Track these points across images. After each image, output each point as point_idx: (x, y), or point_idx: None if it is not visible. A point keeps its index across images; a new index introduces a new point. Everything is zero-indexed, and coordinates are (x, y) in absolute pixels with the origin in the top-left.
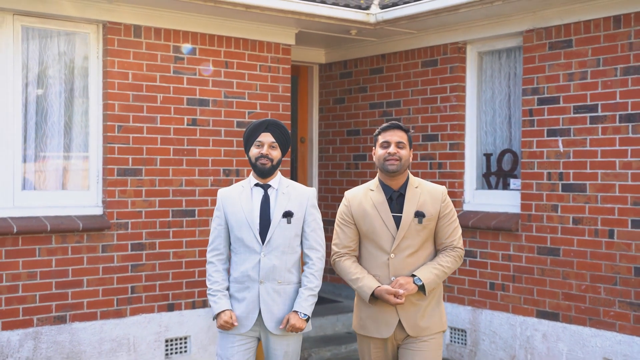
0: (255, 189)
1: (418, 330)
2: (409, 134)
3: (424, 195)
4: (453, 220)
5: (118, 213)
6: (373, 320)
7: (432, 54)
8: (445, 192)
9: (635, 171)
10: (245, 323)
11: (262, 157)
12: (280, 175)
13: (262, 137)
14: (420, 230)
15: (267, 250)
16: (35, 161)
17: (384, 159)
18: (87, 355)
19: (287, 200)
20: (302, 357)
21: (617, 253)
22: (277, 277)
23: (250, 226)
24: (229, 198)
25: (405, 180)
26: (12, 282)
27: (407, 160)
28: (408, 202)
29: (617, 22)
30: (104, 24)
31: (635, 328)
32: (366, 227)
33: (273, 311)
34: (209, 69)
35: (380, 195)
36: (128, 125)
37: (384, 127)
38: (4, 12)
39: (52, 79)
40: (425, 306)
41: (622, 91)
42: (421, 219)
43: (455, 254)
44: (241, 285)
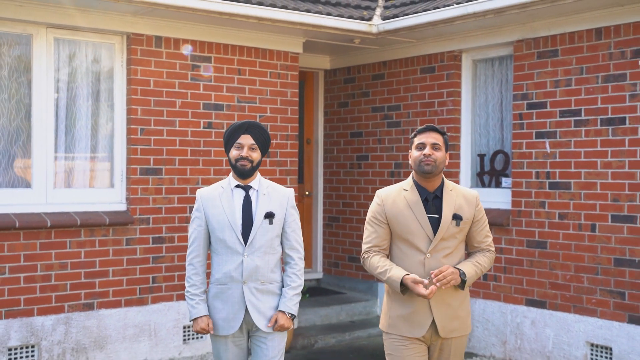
0: (236, 190)
1: (448, 331)
2: (445, 136)
3: (459, 199)
4: (486, 224)
5: (140, 209)
6: (405, 320)
7: (430, 61)
8: (478, 196)
9: (615, 170)
10: (232, 324)
11: (242, 159)
12: (260, 176)
13: (242, 139)
14: (457, 233)
15: (250, 251)
16: (65, 161)
17: (420, 160)
18: (113, 340)
19: (268, 201)
20: (309, 344)
21: (598, 245)
22: (260, 277)
23: (232, 227)
24: (210, 199)
25: (440, 183)
26: (45, 271)
27: (443, 162)
28: (446, 204)
29: (598, 34)
30: (128, 35)
31: (615, 314)
32: (400, 227)
33: (260, 309)
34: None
35: (415, 195)
36: (150, 128)
37: (420, 129)
38: (39, 25)
39: (80, 86)
40: (457, 307)
41: (603, 97)
42: (459, 221)
43: (491, 256)
44: (223, 286)
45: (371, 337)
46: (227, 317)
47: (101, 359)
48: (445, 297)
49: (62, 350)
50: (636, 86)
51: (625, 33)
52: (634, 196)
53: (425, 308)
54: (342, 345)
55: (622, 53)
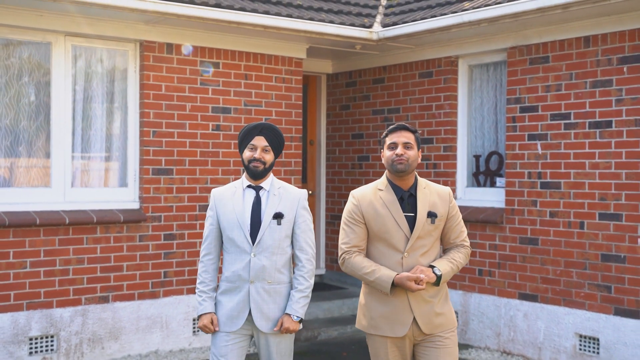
0: (247, 191)
1: (432, 327)
2: (416, 134)
3: (433, 196)
4: (460, 219)
5: (152, 207)
6: (386, 320)
7: (428, 66)
8: (451, 192)
9: (602, 171)
10: (236, 322)
11: (255, 160)
12: (273, 177)
13: (256, 141)
14: (432, 230)
15: (257, 251)
16: (81, 162)
17: (392, 159)
18: (127, 331)
19: (278, 202)
20: (312, 336)
21: (586, 242)
22: (267, 277)
23: (241, 227)
24: (222, 199)
25: (414, 181)
26: (64, 266)
27: (415, 161)
28: (420, 203)
29: (587, 42)
30: (141, 43)
31: (602, 306)
32: (377, 226)
33: (263, 310)
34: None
35: (390, 195)
36: (161, 130)
37: (391, 128)
38: (57, 33)
39: (95, 90)
40: (436, 303)
41: (591, 102)
42: (434, 219)
43: (465, 251)
44: (232, 284)
45: None
46: (231, 315)
47: (116, 349)
48: (424, 294)
49: (79, 341)
50: (622, 92)
51: (611, 41)
52: (619, 195)
53: (405, 306)
54: (344, 337)
55: (609, 60)
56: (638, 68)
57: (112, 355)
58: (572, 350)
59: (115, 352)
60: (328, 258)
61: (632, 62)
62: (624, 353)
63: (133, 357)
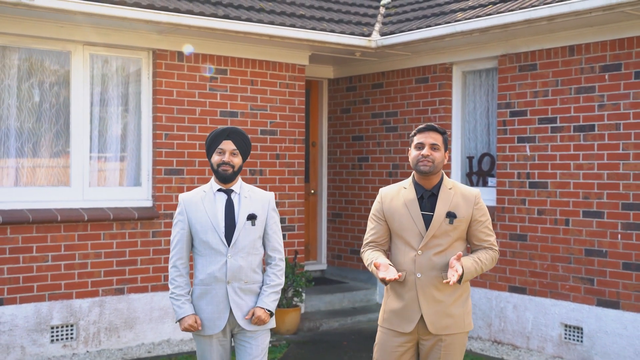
0: (218, 194)
1: (439, 327)
2: (444, 136)
3: (457, 197)
4: (488, 222)
5: (165, 205)
6: (397, 315)
7: (424, 72)
8: (479, 195)
9: (586, 171)
10: (218, 323)
11: (224, 164)
12: (241, 181)
13: (224, 145)
14: (451, 231)
15: (233, 252)
16: (98, 163)
17: (417, 160)
18: (141, 321)
19: (250, 204)
20: (314, 326)
21: (571, 238)
22: (243, 277)
23: (215, 229)
24: (192, 203)
25: (439, 181)
26: (83, 260)
27: (441, 162)
28: (440, 202)
29: (571, 50)
30: (154, 51)
31: (585, 298)
32: (396, 224)
33: (243, 309)
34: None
35: (411, 193)
36: (173, 133)
37: (420, 128)
38: (76, 43)
39: (111, 96)
40: (449, 304)
41: (576, 107)
42: (452, 219)
43: (493, 254)
44: (208, 286)
45: (371, 321)
46: (211, 317)
47: (131, 337)
48: (434, 294)
49: (97, 329)
50: (604, 97)
51: (594, 50)
52: (601, 194)
53: (414, 303)
54: (345, 328)
55: (592, 68)
56: (618, 76)
57: (127, 343)
58: (557, 339)
59: (130, 341)
60: (329, 254)
61: (612, 70)
62: (605, 341)
63: (147, 345)
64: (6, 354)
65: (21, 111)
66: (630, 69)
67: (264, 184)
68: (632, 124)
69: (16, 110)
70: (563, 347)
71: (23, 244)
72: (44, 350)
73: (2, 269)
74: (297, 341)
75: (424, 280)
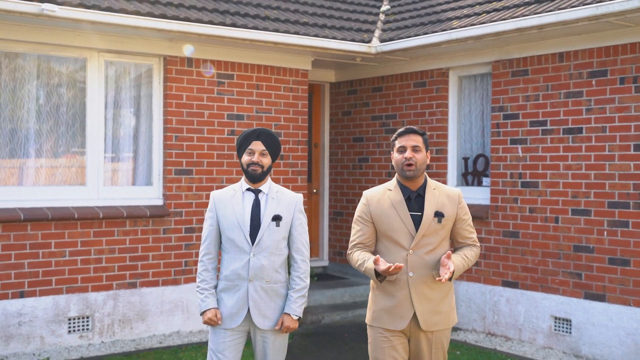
0: (246, 193)
1: (430, 324)
2: (424, 137)
3: (442, 197)
4: (470, 220)
5: (175, 204)
6: (388, 313)
7: (422, 77)
8: (461, 194)
9: (574, 172)
10: (235, 319)
11: (253, 164)
12: (271, 181)
13: (254, 145)
14: (439, 230)
15: (257, 251)
16: (112, 164)
17: (402, 163)
18: (152, 313)
19: (277, 205)
20: (317, 320)
21: (560, 234)
22: (265, 276)
23: (241, 228)
24: (222, 201)
25: (423, 182)
26: (98, 255)
27: (424, 164)
28: (428, 203)
29: (561, 57)
30: (165, 57)
31: (574, 291)
32: (384, 225)
33: (260, 308)
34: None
35: (398, 195)
36: (182, 135)
37: (400, 132)
38: (92, 50)
39: (124, 100)
40: (438, 301)
41: (565, 110)
42: (441, 218)
43: (477, 250)
44: (231, 282)
45: None
46: (231, 312)
47: (143, 329)
48: (426, 292)
49: (111, 321)
50: (591, 102)
51: (582, 57)
52: (589, 193)
53: (407, 301)
54: (346, 321)
55: (580, 74)
56: (605, 81)
57: (140, 334)
58: (548, 330)
59: (142, 332)
60: (331, 251)
61: (599, 75)
62: (592, 332)
63: (158, 336)
64: (27, 344)
65: (40, 115)
66: (616, 75)
67: None
68: (618, 127)
69: (35, 114)
70: (553, 338)
71: (42, 240)
72: (61, 341)
73: (22, 264)
74: (301, 333)
75: (416, 279)
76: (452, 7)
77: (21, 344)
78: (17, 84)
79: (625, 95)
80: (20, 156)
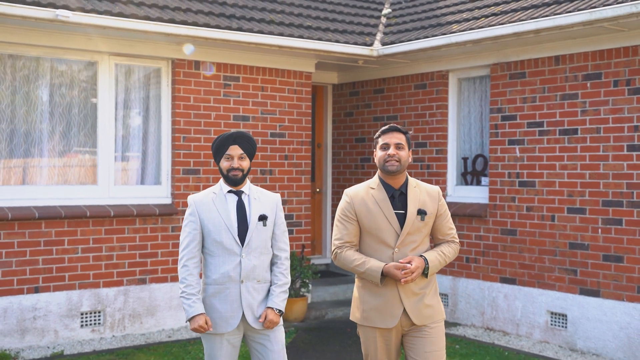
0: (229, 195)
1: (422, 318)
2: (407, 135)
3: (423, 195)
4: (449, 217)
5: (183, 202)
6: (378, 312)
7: (422, 79)
8: (440, 191)
9: (570, 171)
10: (231, 322)
11: (234, 170)
12: (249, 182)
13: (231, 150)
14: (422, 227)
15: (247, 252)
16: (122, 163)
17: (384, 160)
18: (161, 308)
19: (260, 205)
20: (320, 315)
21: (557, 232)
22: (257, 276)
23: (229, 229)
24: (203, 204)
25: (405, 180)
26: (109, 252)
27: (407, 161)
28: (411, 201)
29: (557, 60)
30: (173, 60)
31: (569, 287)
32: (369, 223)
33: (254, 308)
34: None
35: (382, 193)
36: (190, 136)
37: (384, 130)
38: (103, 54)
39: (134, 101)
40: (426, 295)
41: (561, 112)
42: (423, 216)
43: (455, 246)
44: (221, 286)
45: None
46: (224, 316)
47: (152, 323)
48: (413, 287)
49: (122, 316)
50: (586, 104)
51: (577, 60)
52: (584, 192)
53: (395, 299)
54: (348, 316)
55: (575, 76)
56: (599, 84)
57: (149, 329)
58: (544, 325)
59: (152, 327)
60: None
61: (594, 78)
62: (587, 326)
63: (167, 330)
64: (41, 337)
65: (53, 116)
66: (610, 77)
67: (274, 183)
68: (611, 128)
69: (48, 115)
70: (549, 333)
71: (56, 237)
72: (74, 334)
73: (37, 260)
74: (305, 328)
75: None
76: (451, 11)
77: (36, 337)
78: (31, 86)
79: (618, 98)
80: (34, 156)
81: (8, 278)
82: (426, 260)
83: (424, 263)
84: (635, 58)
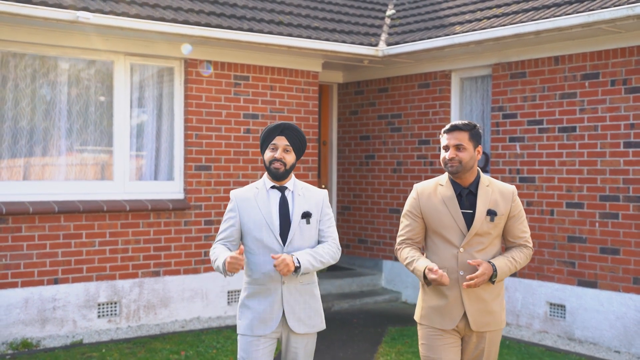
0: (271, 191)
1: (481, 325)
2: (472, 132)
3: (495, 194)
4: (523, 219)
5: (195, 198)
6: (438, 313)
7: (426, 78)
8: (515, 191)
9: (569, 167)
10: (270, 324)
11: (276, 161)
12: (294, 178)
13: (277, 140)
14: (491, 228)
15: (289, 251)
16: (137, 160)
17: (444, 162)
18: (174, 300)
19: (304, 202)
20: (327, 307)
21: (556, 226)
22: (300, 277)
23: (270, 227)
24: (245, 200)
25: (475, 178)
26: (124, 245)
27: (470, 160)
28: (480, 200)
29: (556, 60)
30: (186, 60)
31: (567, 279)
32: (434, 221)
33: (295, 311)
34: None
35: (449, 191)
36: (202, 133)
37: (445, 129)
38: (118, 54)
39: (148, 100)
40: (490, 301)
41: (560, 110)
42: (493, 217)
43: (527, 252)
44: (262, 286)
45: (377, 303)
46: (263, 317)
47: (166, 314)
48: (478, 292)
49: (137, 307)
50: (584, 102)
51: (576, 60)
52: (582, 188)
53: (457, 301)
54: (354, 308)
55: (574, 76)
56: (597, 83)
57: (163, 319)
58: (543, 316)
59: (165, 317)
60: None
61: (592, 78)
62: (584, 316)
63: (179, 321)
64: (61, 327)
65: (70, 114)
66: (607, 77)
67: None
68: (608, 126)
69: (66, 113)
70: (548, 323)
71: (74, 231)
72: (92, 325)
73: (57, 253)
74: None
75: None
76: (454, 13)
77: (56, 327)
78: (50, 85)
79: (615, 97)
80: (53, 153)
81: (29, 270)
82: (494, 266)
83: (491, 269)
84: (632, 58)
